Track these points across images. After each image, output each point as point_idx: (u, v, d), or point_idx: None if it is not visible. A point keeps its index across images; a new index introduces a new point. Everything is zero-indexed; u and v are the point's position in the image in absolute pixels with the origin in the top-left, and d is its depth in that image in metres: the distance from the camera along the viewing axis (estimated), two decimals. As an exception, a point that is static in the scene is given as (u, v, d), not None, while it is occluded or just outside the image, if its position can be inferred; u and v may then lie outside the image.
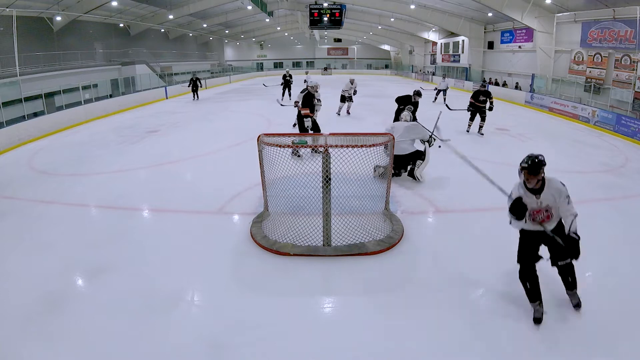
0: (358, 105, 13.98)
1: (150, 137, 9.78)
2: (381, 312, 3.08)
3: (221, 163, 7.39)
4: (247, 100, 18.01)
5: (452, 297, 3.25)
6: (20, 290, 3.38)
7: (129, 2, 19.64)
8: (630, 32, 11.79)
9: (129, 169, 7.07)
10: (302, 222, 4.13)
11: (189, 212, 5.04)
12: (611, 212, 5.05)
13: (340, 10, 15.67)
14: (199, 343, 2.75)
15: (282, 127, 9.75)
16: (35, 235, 4.48)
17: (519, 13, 15.61)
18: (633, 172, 6.84)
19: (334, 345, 2.74)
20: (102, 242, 4.26)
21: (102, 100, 14.27)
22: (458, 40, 24.27)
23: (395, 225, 4.37)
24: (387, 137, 4.11)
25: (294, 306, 3.19)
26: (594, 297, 3.26)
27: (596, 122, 11.22)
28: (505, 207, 2.99)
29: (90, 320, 2.99)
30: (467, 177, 6.58)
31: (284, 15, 31.04)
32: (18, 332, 2.87)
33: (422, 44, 31.60)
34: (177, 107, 15.75)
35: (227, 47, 42.77)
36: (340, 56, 45.06)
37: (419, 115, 7.67)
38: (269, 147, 3.90)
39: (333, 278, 3.57)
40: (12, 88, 12.00)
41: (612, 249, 4.09)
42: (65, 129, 11.23)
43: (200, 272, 3.67)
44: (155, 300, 3.23)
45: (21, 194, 5.84)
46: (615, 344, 2.72)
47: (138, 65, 20.84)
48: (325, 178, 3.78)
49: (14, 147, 9.00)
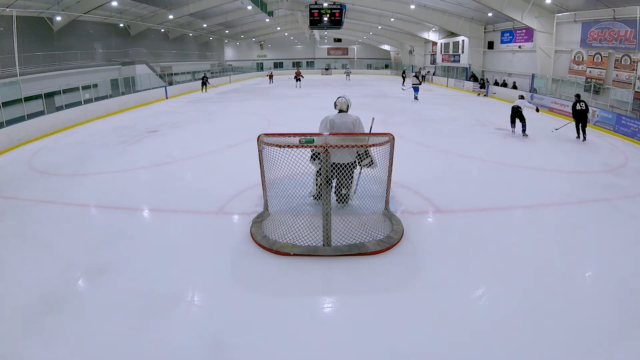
0: (358, 105, 13.98)
1: (150, 137, 9.78)
2: (381, 312, 3.08)
3: (221, 163, 7.39)
4: (247, 100, 18.01)
5: (452, 297, 3.25)
6: (20, 291, 3.38)
7: (129, 2, 19.64)
8: (630, 32, 11.79)
9: (129, 169, 7.07)
10: (302, 222, 4.13)
11: (189, 212, 5.04)
12: (611, 212, 5.04)
13: (340, 10, 15.64)
14: (199, 343, 2.75)
15: (282, 127, 9.76)
16: (35, 235, 4.48)
17: (519, 13, 15.62)
18: (633, 172, 6.84)
19: (334, 345, 2.74)
20: (102, 242, 4.26)
21: (102, 100, 14.28)
22: (458, 40, 24.28)
23: (395, 225, 4.36)
24: (387, 137, 4.11)
25: (294, 306, 3.19)
26: (593, 297, 3.26)
27: (596, 122, 11.22)
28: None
29: (90, 320, 2.99)
30: (467, 177, 6.61)
31: (284, 15, 31.03)
32: (18, 332, 2.87)
33: (422, 44, 31.59)
34: (177, 107, 15.76)
35: (227, 47, 42.78)
36: (340, 56, 45.05)
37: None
38: (269, 147, 3.90)
39: (333, 278, 3.57)
40: (12, 88, 12.00)
41: (612, 249, 4.08)
42: (65, 129, 11.24)
43: (200, 272, 3.66)
44: (155, 300, 3.22)
45: (21, 194, 5.84)
46: (615, 344, 2.72)
47: (138, 65, 20.84)
48: (326, 178, 3.78)
49: (14, 147, 9.01)
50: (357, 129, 4.62)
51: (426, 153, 8.03)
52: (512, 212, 5.07)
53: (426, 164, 7.17)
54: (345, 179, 4.49)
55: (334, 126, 4.59)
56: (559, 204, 5.29)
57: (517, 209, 5.14)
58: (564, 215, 4.97)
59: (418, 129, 10.56)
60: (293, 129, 4.53)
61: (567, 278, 3.54)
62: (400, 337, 2.81)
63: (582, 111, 9.12)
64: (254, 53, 44.95)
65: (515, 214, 5.05)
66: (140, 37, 24.66)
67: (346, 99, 4.76)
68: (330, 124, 4.61)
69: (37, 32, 16.52)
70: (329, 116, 4.70)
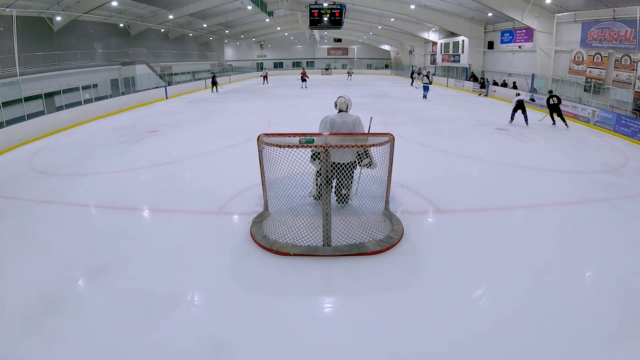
0: (358, 105, 13.98)
1: (150, 137, 9.78)
2: (381, 312, 3.08)
3: (221, 163, 7.39)
4: (247, 100, 18.02)
5: (452, 297, 3.25)
6: (20, 290, 3.38)
7: (129, 2, 19.65)
8: (630, 32, 11.79)
9: (129, 169, 7.07)
10: (302, 222, 4.13)
11: (188, 212, 5.04)
12: (611, 212, 5.04)
13: (340, 10, 15.65)
14: (199, 343, 2.75)
15: (282, 127, 9.76)
16: (35, 235, 4.48)
17: (519, 13, 15.62)
18: (633, 172, 6.84)
19: (334, 345, 2.74)
20: (102, 242, 4.26)
21: (102, 100, 14.28)
22: (458, 40, 24.29)
23: (395, 225, 4.36)
24: (387, 137, 4.10)
25: (294, 306, 3.19)
26: (593, 297, 3.26)
27: (596, 122, 11.22)
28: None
29: (90, 320, 2.99)
30: (467, 177, 6.61)
31: (284, 15, 31.03)
32: (18, 332, 2.87)
33: (422, 44, 31.60)
34: (177, 107, 15.76)
35: (227, 47, 42.79)
36: (340, 56, 45.06)
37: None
38: (269, 147, 3.89)
39: (333, 278, 3.57)
40: (12, 88, 12.00)
41: (612, 249, 4.08)
42: (65, 129, 11.24)
43: (200, 272, 3.66)
44: (155, 300, 3.22)
45: (21, 194, 5.84)
46: (615, 344, 2.72)
47: (138, 65, 20.85)
48: (325, 178, 3.78)
49: (14, 147, 9.01)
50: (357, 129, 4.61)
51: (426, 153, 8.03)
52: (512, 212, 5.07)
53: (426, 164, 7.17)
54: (345, 179, 4.48)
55: (334, 126, 4.58)
56: (559, 204, 5.29)
57: (517, 209, 5.14)
58: (564, 215, 4.97)
59: (418, 129, 10.56)
60: (293, 129, 4.53)
61: (567, 278, 3.54)
62: (400, 337, 2.80)
63: (554, 104, 10.93)
64: (254, 53, 44.96)
65: (515, 214, 5.05)
66: (140, 37, 24.67)
67: (346, 98, 4.75)
68: (330, 124, 4.60)
69: (37, 32, 16.52)
70: (329, 116, 4.69)
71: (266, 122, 11.71)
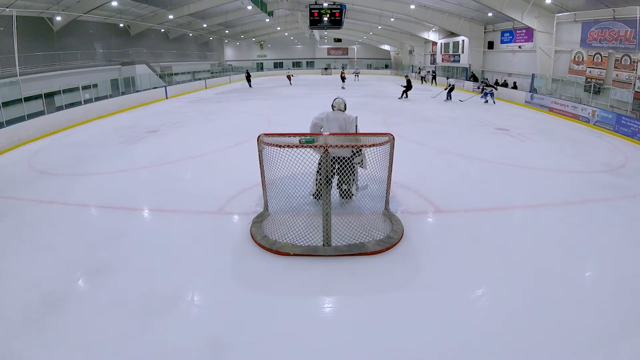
0: (358, 105, 14.00)
1: (150, 137, 9.78)
2: (381, 312, 3.08)
3: (221, 163, 7.39)
4: (247, 100, 18.02)
5: (452, 297, 3.25)
6: (20, 290, 3.38)
7: (129, 2, 19.65)
8: (630, 32, 11.79)
9: (129, 169, 7.07)
10: (302, 222, 4.13)
11: (189, 212, 5.04)
12: (611, 212, 5.04)
13: (340, 10, 15.64)
14: (199, 343, 2.74)
15: (282, 127, 9.76)
16: (35, 235, 4.48)
17: (519, 13, 15.61)
18: (633, 172, 6.84)
19: (334, 345, 2.74)
20: (102, 242, 4.26)
21: (102, 100, 14.27)
22: (458, 40, 24.28)
23: (395, 225, 4.36)
24: (387, 137, 4.10)
25: (294, 306, 3.19)
26: (593, 297, 3.26)
27: (596, 122, 11.22)
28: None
29: (90, 320, 2.99)
30: (467, 177, 6.61)
31: (284, 15, 31.03)
32: (18, 332, 2.87)
33: (422, 44, 31.60)
34: (177, 107, 15.76)
35: (227, 47, 42.79)
36: (340, 56, 45.07)
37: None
38: (269, 147, 3.90)
39: (333, 278, 3.57)
40: (12, 88, 11.98)
41: (612, 249, 4.08)
42: (65, 129, 11.24)
43: (200, 272, 3.66)
44: (155, 300, 3.22)
45: (21, 194, 5.84)
46: (615, 344, 2.72)
47: (138, 65, 20.85)
48: (326, 178, 3.78)
49: (14, 147, 9.01)
50: (348, 126, 4.85)
51: (426, 153, 8.03)
52: (512, 212, 5.07)
53: (426, 164, 7.17)
54: (346, 173, 4.62)
55: (328, 119, 4.89)
56: (559, 204, 5.29)
57: (517, 209, 5.14)
58: (564, 215, 4.96)
59: (418, 129, 10.56)
60: (293, 129, 4.53)
61: (567, 278, 3.54)
62: (400, 337, 2.80)
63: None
64: (254, 53, 44.96)
65: (515, 214, 5.05)
66: (140, 37, 24.67)
67: (342, 99, 5.11)
68: (325, 116, 4.94)
69: (37, 32, 16.52)
70: (326, 111, 5.04)
71: (266, 122, 11.71)
